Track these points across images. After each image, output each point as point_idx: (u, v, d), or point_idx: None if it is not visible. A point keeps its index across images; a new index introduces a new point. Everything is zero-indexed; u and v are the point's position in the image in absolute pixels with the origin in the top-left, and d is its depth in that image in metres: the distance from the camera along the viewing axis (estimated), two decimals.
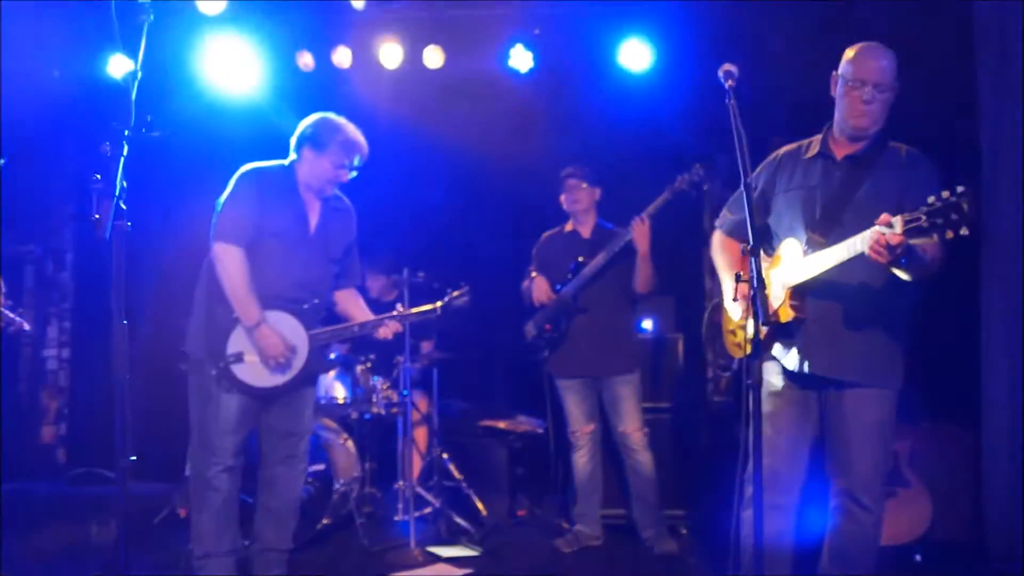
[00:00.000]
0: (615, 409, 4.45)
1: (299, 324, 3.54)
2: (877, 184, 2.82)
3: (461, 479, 5.00)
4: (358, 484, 4.78)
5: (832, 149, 2.91)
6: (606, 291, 4.48)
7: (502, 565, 4.23)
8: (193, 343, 3.57)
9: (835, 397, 2.84)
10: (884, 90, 2.80)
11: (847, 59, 2.86)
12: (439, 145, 6.45)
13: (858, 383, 2.81)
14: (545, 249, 4.76)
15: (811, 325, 2.80)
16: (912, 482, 4.24)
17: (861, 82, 2.78)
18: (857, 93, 2.79)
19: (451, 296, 3.88)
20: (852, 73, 2.80)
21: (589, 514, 4.52)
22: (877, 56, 2.82)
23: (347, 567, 4.16)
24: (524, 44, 5.78)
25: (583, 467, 4.51)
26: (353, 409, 4.90)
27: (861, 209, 2.75)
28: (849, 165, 2.87)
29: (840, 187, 2.84)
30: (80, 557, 4.28)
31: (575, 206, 4.62)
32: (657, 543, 4.41)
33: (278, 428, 3.66)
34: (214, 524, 3.50)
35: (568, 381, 4.52)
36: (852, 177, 2.84)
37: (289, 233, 3.55)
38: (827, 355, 2.81)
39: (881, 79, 2.79)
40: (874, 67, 2.79)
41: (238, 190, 3.52)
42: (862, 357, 2.81)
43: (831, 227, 2.77)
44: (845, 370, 2.80)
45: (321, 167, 3.58)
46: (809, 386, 2.88)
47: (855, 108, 2.80)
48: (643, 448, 4.44)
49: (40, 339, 6.74)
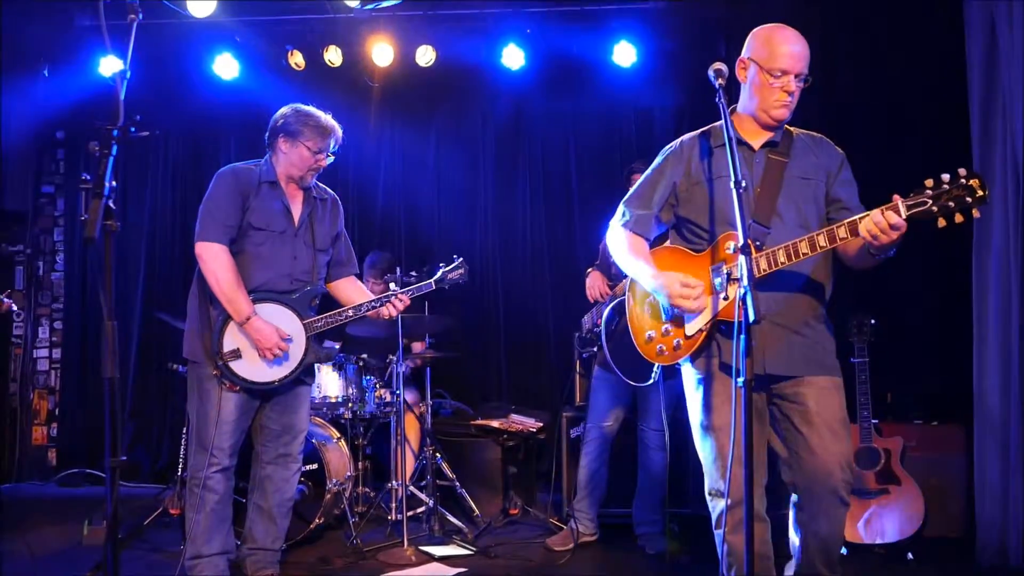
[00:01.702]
0: (646, 407, 4.44)
1: (293, 314, 3.55)
2: (799, 170, 2.79)
3: (454, 478, 5.00)
4: (351, 483, 4.77)
5: (745, 138, 2.81)
6: None
7: (495, 564, 4.23)
8: (190, 346, 3.57)
9: (792, 395, 2.74)
10: (803, 80, 2.72)
11: (761, 44, 2.76)
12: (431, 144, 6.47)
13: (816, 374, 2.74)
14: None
15: (765, 324, 2.68)
16: (904, 480, 4.25)
17: (782, 72, 2.70)
18: (779, 84, 2.71)
19: (445, 269, 3.82)
20: (772, 62, 2.70)
21: (586, 511, 4.50)
22: (795, 42, 2.72)
23: (340, 567, 4.15)
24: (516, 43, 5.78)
25: (589, 463, 4.48)
26: (346, 408, 4.89)
27: (793, 196, 2.75)
28: (768, 154, 2.80)
29: (767, 176, 2.77)
30: (71, 558, 4.27)
31: None
32: (650, 543, 4.40)
33: (273, 427, 3.66)
34: (207, 525, 3.49)
35: (608, 375, 4.44)
36: (774, 165, 2.78)
37: (273, 226, 3.57)
38: (785, 353, 2.73)
39: (803, 68, 2.71)
40: (795, 56, 2.70)
41: (216, 189, 3.55)
42: (815, 349, 2.76)
43: (769, 218, 2.73)
44: (803, 366, 2.73)
45: (298, 155, 3.59)
46: (760, 388, 2.75)
47: (777, 99, 2.72)
48: (659, 448, 4.43)
49: (31, 340, 6.71)
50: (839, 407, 2.75)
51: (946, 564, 4.18)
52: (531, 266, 6.33)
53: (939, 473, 4.50)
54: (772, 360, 2.72)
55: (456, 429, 5.42)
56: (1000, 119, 4.13)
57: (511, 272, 6.39)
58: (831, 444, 2.69)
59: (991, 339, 4.16)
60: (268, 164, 3.65)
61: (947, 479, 4.50)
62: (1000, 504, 4.08)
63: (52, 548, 4.47)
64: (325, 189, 3.84)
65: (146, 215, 6.47)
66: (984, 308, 4.19)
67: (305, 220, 3.66)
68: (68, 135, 6.69)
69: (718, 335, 2.75)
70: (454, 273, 3.82)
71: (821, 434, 2.70)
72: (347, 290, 3.89)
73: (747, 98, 2.82)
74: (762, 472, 2.77)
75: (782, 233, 2.70)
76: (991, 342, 4.16)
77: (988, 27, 4.17)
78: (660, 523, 4.50)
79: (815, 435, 2.70)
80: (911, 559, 4.14)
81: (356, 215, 6.29)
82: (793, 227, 2.73)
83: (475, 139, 6.43)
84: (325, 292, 3.80)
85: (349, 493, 4.70)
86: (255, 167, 3.65)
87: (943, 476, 4.50)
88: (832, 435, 2.70)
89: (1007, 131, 4.08)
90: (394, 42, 5.83)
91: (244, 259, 3.52)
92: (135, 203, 6.50)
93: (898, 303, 5.08)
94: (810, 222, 2.77)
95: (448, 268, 3.82)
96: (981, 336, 4.20)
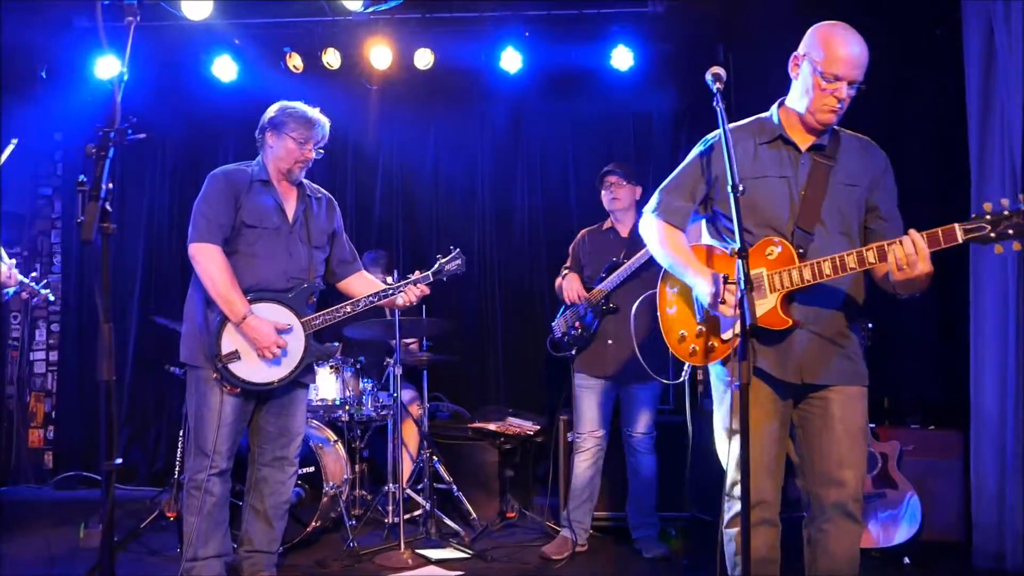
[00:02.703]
0: (631, 411, 4.44)
1: (290, 313, 3.55)
2: (845, 175, 2.71)
3: (451, 481, 4.99)
4: (348, 486, 4.77)
5: (792, 137, 2.74)
6: (638, 293, 4.41)
7: (492, 568, 4.22)
8: (188, 350, 3.56)
9: (819, 402, 2.71)
10: (856, 85, 2.62)
11: (819, 43, 2.64)
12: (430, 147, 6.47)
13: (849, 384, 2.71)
14: (581, 246, 4.69)
15: (803, 332, 2.66)
16: (900, 484, 4.25)
17: (835, 78, 2.58)
18: (830, 89, 2.60)
19: (442, 261, 3.80)
20: (826, 66, 2.59)
21: (580, 520, 4.47)
22: (853, 45, 2.60)
23: (336, 570, 4.15)
24: (514, 46, 5.79)
25: (583, 472, 4.45)
26: (343, 411, 4.89)
27: (837, 203, 2.68)
28: (815, 156, 2.72)
29: (812, 180, 2.69)
30: (68, 561, 4.26)
31: (615, 204, 4.54)
32: (647, 547, 4.40)
33: (270, 429, 3.66)
34: (204, 527, 3.48)
35: (590, 380, 4.44)
36: (821, 168, 2.70)
37: (266, 223, 3.56)
38: (822, 363, 2.68)
39: (858, 75, 2.60)
40: (851, 61, 2.58)
41: (208, 190, 3.56)
42: (850, 359, 2.73)
43: (813, 224, 2.66)
44: (837, 376, 2.69)
45: (285, 148, 3.60)
46: (790, 395, 2.74)
47: (827, 104, 2.62)
48: (648, 451, 4.44)
49: (28, 342, 6.71)
50: (861, 414, 2.72)
51: (943, 568, 4.18)
52: (529, 270, 6.33)
53: (936, 477, 4.50)
54: (809, 369, 2.67)
55: (453, 432, 5.42)
56: (998, 119, 4.14)
57: (509, 276, 6.39)
58: (848, 451, 2.67)
59: (988, 344, 4.17)
60: (260, 163, 3.67)
61: (944, 483, 4.50)
62: (996, 508, 4.08)
63: (49, 551, 4.45)
64: (319, 189, 3.85)
65: (144, 217, 6.46)
66: (981, 313, 4.20)
67: (300, 217, 3.66)
68: (66, 137, 6.69)
69: (753, 340, 2.63)
70: (451, 264, 3.80)
71: (840, 440, 2.67)
72: (359, 285, 3.88)
73: (797, 96, 2.72)
74: (780, 478, 2.75)
75: (824, 240, 2.65)
76: (988, 347, 4.17)
77: (985, 26, 4.18)
78: (655, 527, 4.52)
79: (834, 441, 2.68)
80: (908, 563, 4.15)
81: (354, 217, 6.29)
82: (835, 234, 2.68)
83: (473, 143, 6.44)
84: (323, 289, 3.79)
85: (346, 496, 4.70)
86: (247, 167, 3.65)
87: (940, 480, 4.50)
88: (851, 441, 2.68)
89: (1005, 130, 4.10)
90: (392, 45, 5.83)
91: (239, 258, 3.52)
92: (133, 205, 6.50)
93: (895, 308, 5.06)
94: (852, 230, 2.71)
95: (445, 260, 3.81)
96: (978, 341, 4.21)
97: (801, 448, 2.78)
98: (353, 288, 3.88)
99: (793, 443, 2.81)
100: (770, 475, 2.70)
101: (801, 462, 2.78)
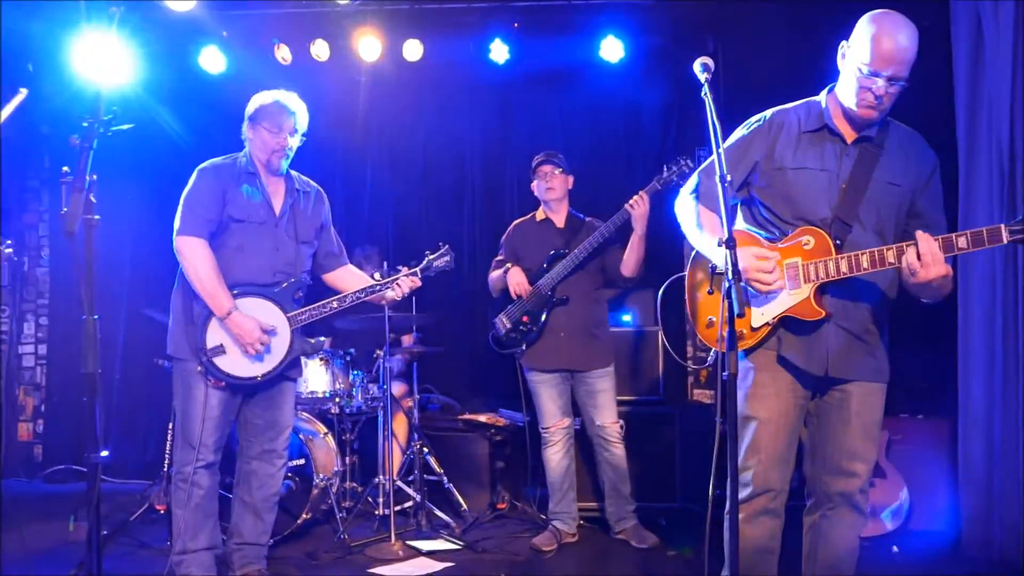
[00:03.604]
0: (593, 403, 4.42)
1: (276, 308, 3.54)
2: (889, 172, 2.64)
3: (442, 473, 4.99)
4: (338, 479, 4.77)
5: (839, 127, 2.66)
6: (584, 283, 4.42)
7: (483, 559, 4.23)
8: (174, 343, 3.56)
9: (839, 395, 2.70)
10: (900, 82, 2.50)
11: (861, 33, 2.52)
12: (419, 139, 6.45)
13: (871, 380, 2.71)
14: (516, 238, 4.63)
15: (832, 326, 2.63)
16: (889, 473, 4.27)
17: (875, 74, 2.48)
18: (869, 84, 2.50)
19: (430, 257, 3.79)
20: (868, 60, 2.47)
21: (566, 511, 4.48)
22: (895, 40, 2.46)
23: (327, 562, 4.15)
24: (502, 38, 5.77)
25: (557, 464, 4.45)
26: (333, 403, 4.88)
27: (876, 201, 2.62)
28: (861, 149, 2.65)
29: (855, 173, 2.62)
30: (58, 555, 4.25)
31: (549, 194, 4.48)
32: (635, 537, 4.40)
33: (258, 422, 3.65)
34: (193, 520, 3.48)
35: (543, 375, 4.43)
36: (865, 163, 2.63)
37: (254, 218, 3.56)
38: (848, 357, 2.65)
39: (899, 71, 2.48)
40: (890, 57, 2.46)
41: (195, 183, 3.55)
42: (875, 355, 2.71)
43: (852, 218, 2.61)
44: (859, 372, 2.68)
45: (261, 138, 3.59)
46: (811, 387, 2.72)
47: (866, 100, 2.53)
48: (618, 441, 4.43)
49: (17, 336, 6.68)
50: (878, 409, 2.73)
51: (931, 557, 4.21)
52: None
53: (925, 467, 4.52)
54: (835, 363, 2.66)
55: (444, 424, 5.42)
56: (985, 116, 4.15)
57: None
58: (862, 445, 2.69)
59: (976, 334, 4.19)
60: (248, 156, 3.66)
61: (932, 473, 4.53)
62: (984, 497, 4.11)
63: (38, 545, 4.45)
64: (308, 182, 3.83)
65: (132, 210, 6.42)
66: (969, 303, 4.22)
67: (287, 211, 3.65)
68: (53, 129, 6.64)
69: (782, 329, 2.68)
70: (440, 260, 3.79)
71: (855, 433, 2.68)
72: (346, 279, 3.88)
73: (841, 87, 2.64)
74: (791, 469, 2.75)
75: (860, 236, 2.62)
76: (976, 337, 4.19)
77: (974, 23, 4.18)
78: (636, 516, 4.49)
79: (849, 434, 2.69)
80: (896, 552, 4.17)
81: (343, 210, 6.26)
82: (871, 232, 2.64)
83: (462, 134, 6.42)
84: (310, 284, 3.78)
85: (336, 488, 4.70)
86: (235, 160, 3.64)
87: (929, 470, 4.52)
88: (866, 435, 2.70)
89: (992, 128, 4.10)
90: (381, 36, 5.80)
91: (225, 252, 3.51)
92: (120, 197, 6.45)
93: None
94: (886, 230, 2.66)
95: (434, 256, 3.80)
96: (966, 331, 4.22)
97: (815, 437, 2.78)
98: (339, 281, 3.87)
99: (807, 428, 2.80)
100: (782, 465, 2.71)
101: (812, 450, 2.78)
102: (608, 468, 4.45)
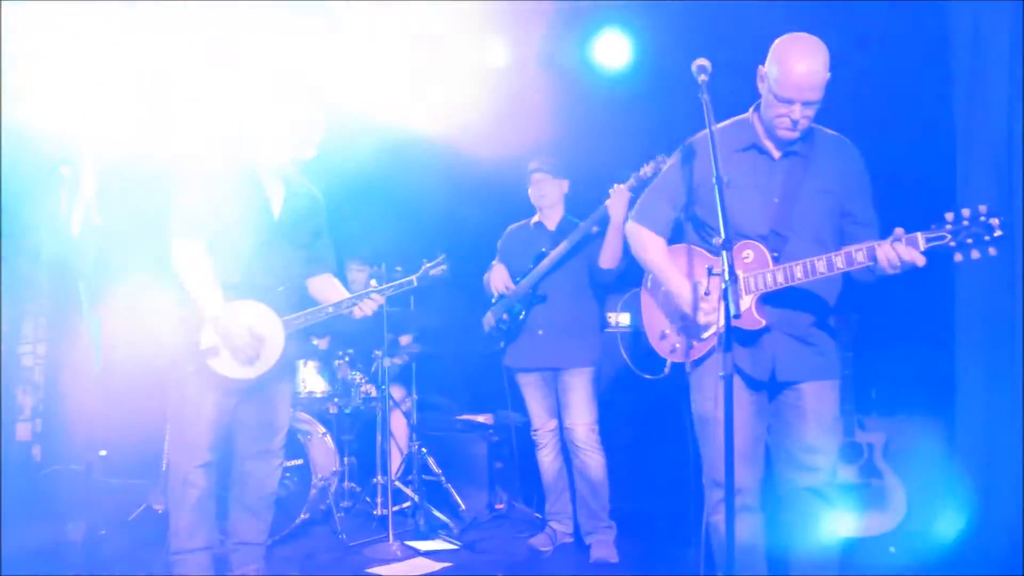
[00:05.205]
0: (565, 401, 4.29)
1: (270, 311, 3.51)
2: (820, 181, 2.75)
3: (440, 473, 5.00)
4: (337, 479, 4.77)
5: (766, 146, 2.78)
6: (568, 281, 4.34)
7: (481, 559, 4.23)
8: (169, 344, 3.54)
9: (793, 395, 2.80)
10: (813, 104, 2.62)
11: (774, 60, 2.64)
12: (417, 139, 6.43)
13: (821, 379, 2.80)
14: (509, 241, 4.65)
15: (775, 333, 2.75)
16: (886, 474, 4.27)
17: (789, 101, 2.60)
18: (785, 111, 2.62)
19: (426, 266, 3.80)
20: (780, 86, 2.60)
21: (562, 511, 4.46)
22: (805, 65, 2.58)
23: (326, 561, 4.16)
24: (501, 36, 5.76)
25: (549, 465, 4.43)
26: (331, 404, 4.88)
27: (810, 210, 2.74)
28: (790, 163, 2.76)
29: (787, 187, 2.74)
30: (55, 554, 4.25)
31: (542, 200, 4.47)
32: (595, 550, 4.18)
33: (253, 422, 3.64)
34: (190, 520, 3.48)
35: (527, 376, 4.39)
36: (794, 175, 2.74)
37: (252, 220, 3.52)
38: (794, 361, 2.77)
39: (812, 96, 2.60)
40: (801, 84, 2.58)
41: (191, 184, 3.51)
42: (823, 356, 2.81)
43: (788, 229, 2.73)
44: (808, 372, 2.79)
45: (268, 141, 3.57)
46: (763, 388, 2.83)
47: (783, 123, 2.66)
48: (592, 449, 4.23)
49: (15, 335, 6.67)
50: (833, 403, 2.83)
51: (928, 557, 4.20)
52: None
53: (922, 466, 4.51)
54: (782, 368, 2.77)
55: (442, 424, 5.43)
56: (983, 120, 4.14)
57: None
58: (820, 440, 2.77)
59: (974, 334, 4.18)
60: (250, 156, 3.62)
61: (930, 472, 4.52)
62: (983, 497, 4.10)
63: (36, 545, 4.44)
64: (306, 184, 3.80)
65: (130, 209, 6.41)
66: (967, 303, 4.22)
67: (284, 215, 3.62)
68: None
69: None
70: (436, 270, 3.81)
71: (812, 429, 2.77)
72: (322, 287, 3.82)
73: (762, 108, 2.76)
74: (760, 467, 2.84)
75: (797, 246, 2.71)
76: (974, 337, 4.18)
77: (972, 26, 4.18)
78: (607, 532, 4.26)
79: (806, 431, 2.77)
80: (893, 552, 4.17)
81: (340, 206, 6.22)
82: (809, 241, 2.74)
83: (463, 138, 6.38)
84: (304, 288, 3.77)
85: (334, 488, 4.70)
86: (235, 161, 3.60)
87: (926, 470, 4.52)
88: (823, 430, 2.78)
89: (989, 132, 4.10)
90: None
91: (223, 253, 3.47)
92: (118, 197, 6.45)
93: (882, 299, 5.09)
94: (824, 236, 2.77)
95: (430, 265, 3.81)
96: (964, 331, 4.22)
97: (776, 436, 2.87)
98: (314, 289, 3.81)
99: (768, 433, 2.89)
100: (747, 462, 2.78)
101: (776, 450, 2.87)
102: (579, 477, 4.29)
